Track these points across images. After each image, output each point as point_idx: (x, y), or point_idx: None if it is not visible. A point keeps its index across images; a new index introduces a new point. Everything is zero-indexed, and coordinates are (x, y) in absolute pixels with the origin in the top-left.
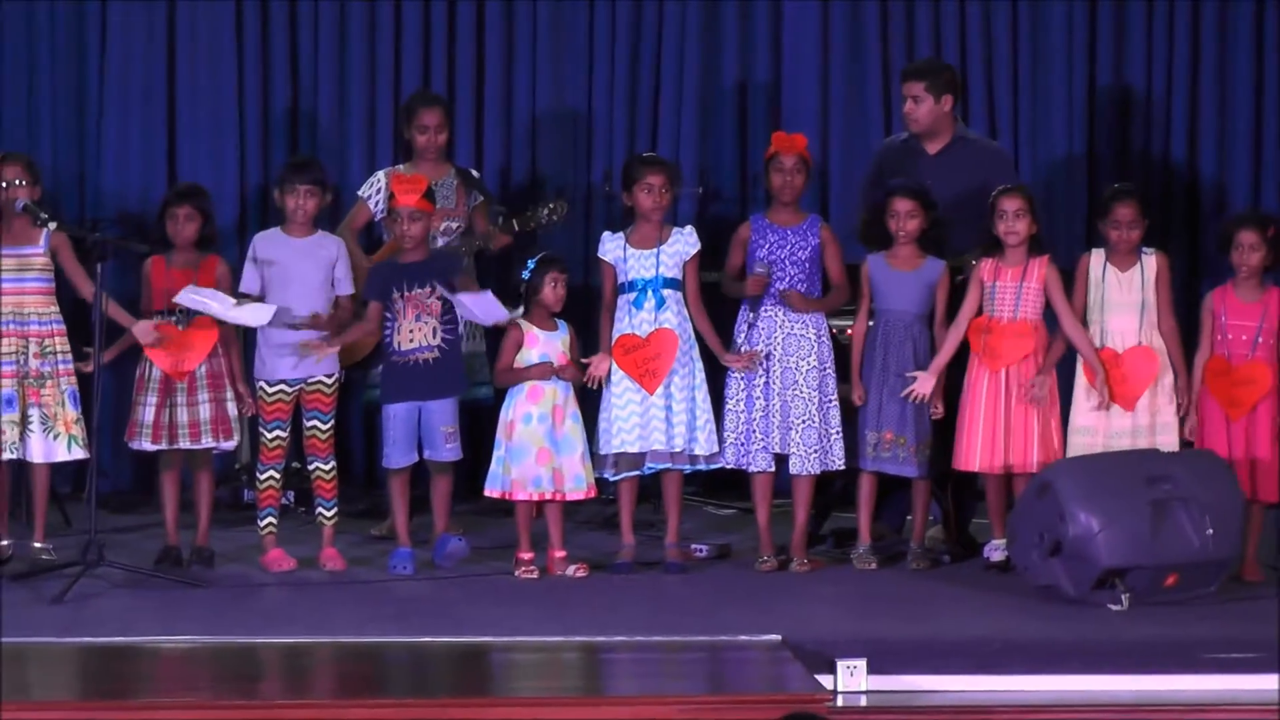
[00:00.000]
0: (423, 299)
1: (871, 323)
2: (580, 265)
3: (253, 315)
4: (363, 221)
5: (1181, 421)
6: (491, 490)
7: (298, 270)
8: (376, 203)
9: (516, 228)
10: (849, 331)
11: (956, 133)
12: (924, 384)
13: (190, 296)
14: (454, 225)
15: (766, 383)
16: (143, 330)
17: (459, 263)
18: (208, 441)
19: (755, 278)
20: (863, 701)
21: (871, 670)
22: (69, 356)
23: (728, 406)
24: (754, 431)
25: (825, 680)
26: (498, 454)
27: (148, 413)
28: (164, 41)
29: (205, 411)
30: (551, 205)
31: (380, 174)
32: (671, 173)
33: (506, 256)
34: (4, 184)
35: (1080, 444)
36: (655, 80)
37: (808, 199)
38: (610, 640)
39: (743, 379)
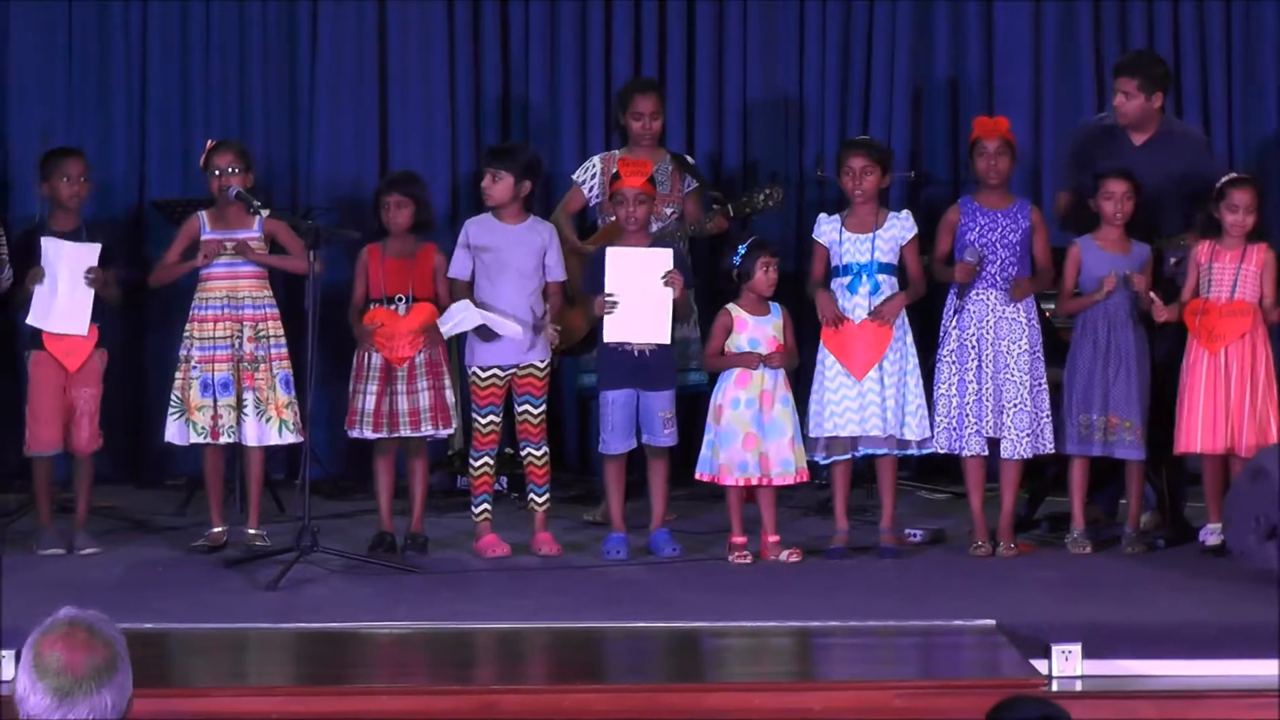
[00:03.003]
0: None
1: None
2: (791, 250)
3: (508, 328)
4: (577, 206)
5: None
6: (701, 474)
7: (510, 256)
8: (591, 188)
9: (732, 213)
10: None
11: (1163, 125)
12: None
13: (449, 326)
14: (669, 211)
15: (979, 367)
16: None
17: (678, 251)
18: (427, 429)
19: (964, 265)
20: (1078, 686)
21: (1086, 655)
22: (282, 341)
23: (939, 392)
24: (966, 416)
25: (1040, 665)
26: (707, 438)
27: (368, 401)
28: (375, 28)
29: (425, 399)
30: (768, 190)
31: (595, 159)
32: (874, 155)
33: (717, 242)
34: (217, 172)
35: None
36: (867, 64)
37: (1020, 184)
38: (824, 625)
39: (954, 364)
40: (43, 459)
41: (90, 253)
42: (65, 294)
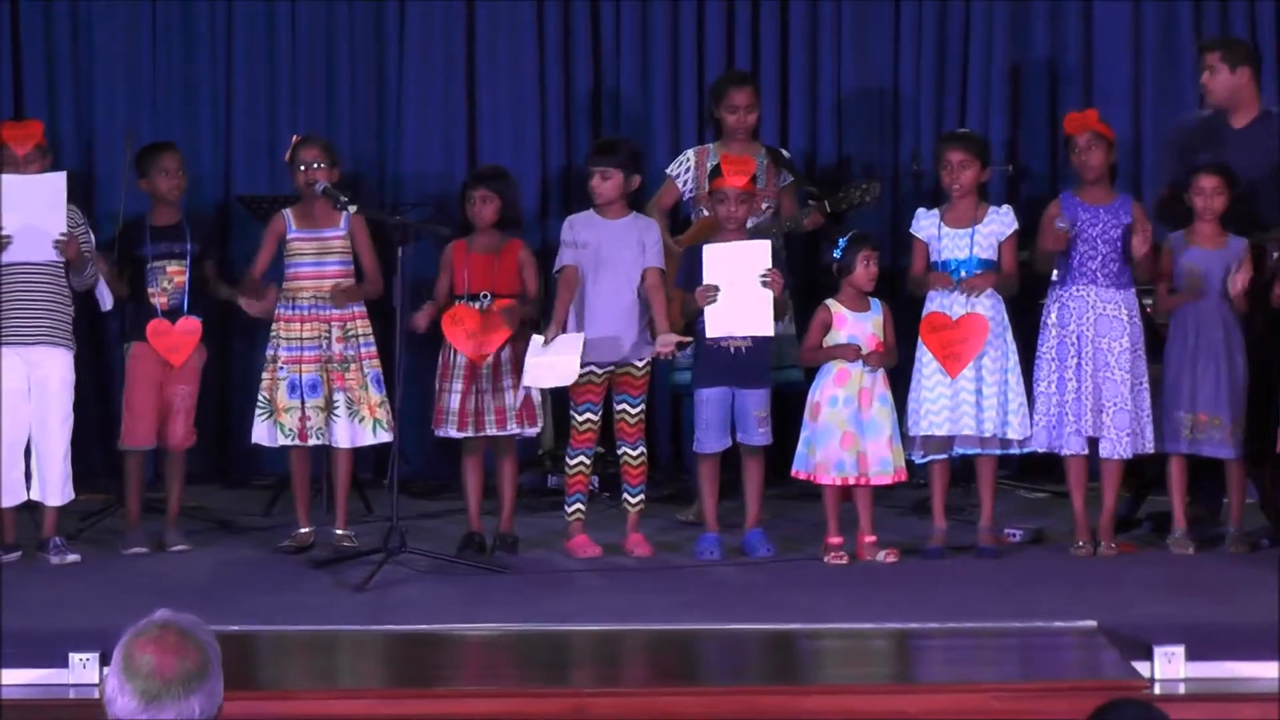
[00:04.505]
0: None
1: None
2: (888, 245)
3: (567, 362)
4: (670, 201)
5: None
6: (797, 472)
7: (611, 252)
8: (685, 182)
9: (830, 208)
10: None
11: (1262, 107)
12: None
13: (534, 377)
14: (765, 206)
15: (1078, 364)
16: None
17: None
18: (513, 428)
19: (1058, 233)
20: (1181, 689)
21: (1190, 656)
22: (371, 339)
23: (1039, 389)
24: (1066, 414)
25: (1142, 667)
26: (804, 435)
27: (453, 400)
28: (463, 22)
29: (511, 397)
30: (865, 185)
31: (689, 152)
32: (972, 149)
33: (812, 237)
34: (303, 167)
35: None
36: (963, 55)
37: (1122, 177)
38: (922, 627)
39: (1053, 361)
40: (135, 454)
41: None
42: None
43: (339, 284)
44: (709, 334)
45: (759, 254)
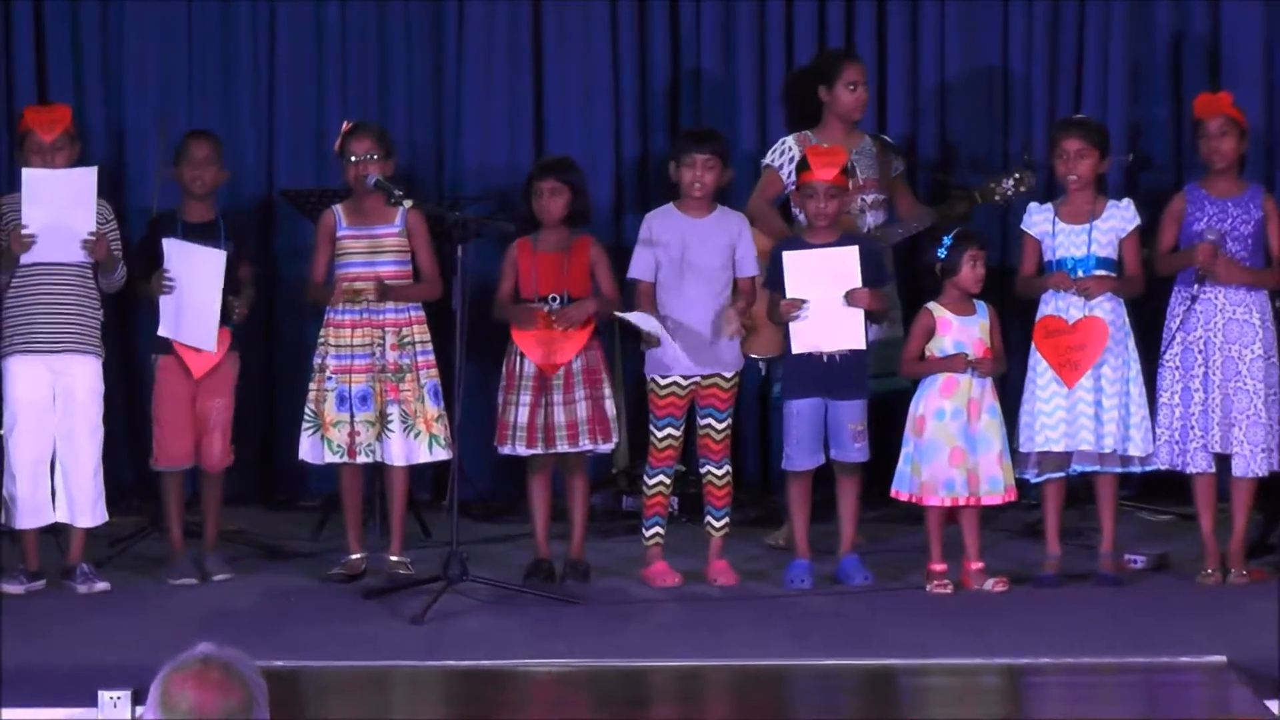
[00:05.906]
0: None
1: None
2: (996, 244)
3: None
4: (774, 193)
5: None
6: (899, 492)
7: (696, 253)
8: (789, 173)
9: (980, 199)
10: None
11: None
12: None
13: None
14: (880, 199)
15: (1205, 374)
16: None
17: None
18: (586, 444)
19: (1205, 246)
20: None
21: None
22: (429, 347)
23: (1161, 400)
24: (1191, 428)
25: (1275, 706)
26: (906, 452)
27: (521, 414)
28: (529, 2)
29: (583, 410)
30: (1018, 175)
31: (789, 140)
32: (1091, 137)
33: (915, 237)
34: (354, 158)
35: None
36: (1078, 34)
37: (1253, 167)
38: (1034, 662)
39: (1178, 370)
40: (172, 474)
41: (215, 260)
42: (190, 304)
43: (381, 279)
44: (794, 349)
45: (847, 261)
